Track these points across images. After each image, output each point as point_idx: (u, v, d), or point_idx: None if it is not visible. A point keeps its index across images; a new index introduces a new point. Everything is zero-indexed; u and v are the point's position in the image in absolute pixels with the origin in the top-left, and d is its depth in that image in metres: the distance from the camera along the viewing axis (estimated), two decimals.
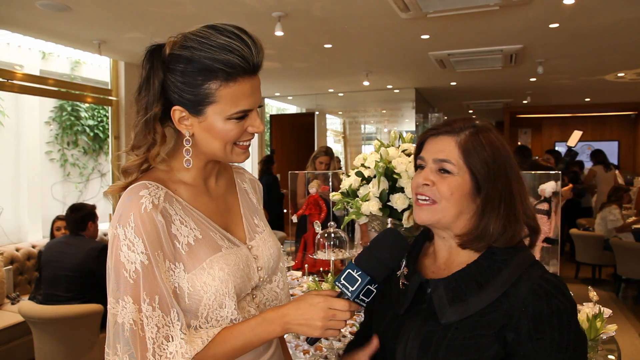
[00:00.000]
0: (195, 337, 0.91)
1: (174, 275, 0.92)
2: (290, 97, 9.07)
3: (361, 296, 0.91)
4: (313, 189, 3.13)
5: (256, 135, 1.01)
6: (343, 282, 0.91)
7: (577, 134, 3.09)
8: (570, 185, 3.39)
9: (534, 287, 0.85)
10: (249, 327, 0.93)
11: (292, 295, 1.76)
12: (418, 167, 1.00)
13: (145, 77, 0.95)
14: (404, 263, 1.00)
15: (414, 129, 7.94)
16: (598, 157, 7.29)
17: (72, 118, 5.50)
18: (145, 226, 0.88)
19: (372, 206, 1.78)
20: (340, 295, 0.92)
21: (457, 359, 0.86)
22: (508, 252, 0.91)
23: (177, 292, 0.92)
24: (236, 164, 1.15)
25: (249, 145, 1.02)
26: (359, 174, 1.90)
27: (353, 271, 0.91)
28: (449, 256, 0.98)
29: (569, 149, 3.25)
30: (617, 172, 7.44)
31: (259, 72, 0.96)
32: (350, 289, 0.90)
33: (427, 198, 0.94)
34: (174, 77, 0.92)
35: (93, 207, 3.38)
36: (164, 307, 0.88)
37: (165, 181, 0.97)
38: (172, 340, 0.88)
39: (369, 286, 0.90)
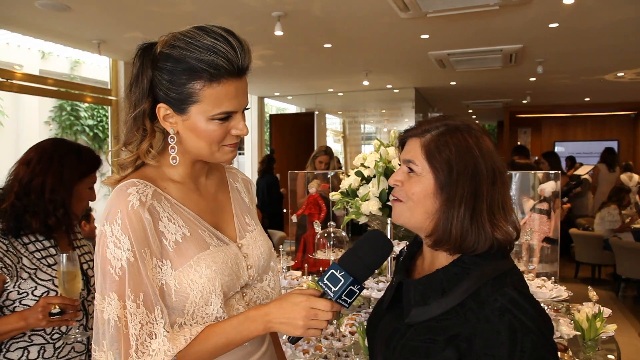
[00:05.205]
0: (178, 334, 0.92)
1: (161, 272, 0.93)
2: (290, 97, 9.07)
3: (344, 297, 0.90)
4: (312, 188, 3.13)
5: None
6: (326, 282, 0.91)
7: (587, 168, 3.12)
8: (569, 205, 3.38)
9: (490, 301, 0.82)
10: (232, 326, 0.93)
11: None
12: None
13: (135, 74, 0.96)
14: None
15: None
16: (603, 155, 7.23)
17: (72, 118, 5.50)
18: (132, 223, 0.89)
19: (371, 206, 1.79)
20: (323, 295, 0.92)
21: (409, 359, 0.87)
22: (476, 262, 0.88)
23: (164, 289, 0.93)
24: (226, 164, 1.15)
25: (236, 145, 1.02)
26: (358, 173, 1.90)
27: (336, 271, 0.90)
28: (432, 259, 0.99)
29: (578, 176, 3.27)
30: (629, 173, 7.06)
31: (248, 74, 0.97)
32: (333, 289, 0.90)
33: (396, 198, 0.97)
34: (161, 74, 0.94)
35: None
36: (148, 305, 0.89)
37: (154, 179, 0.98)
38: (155, 338, 0.89)
39: (351, 287, 0.90)
